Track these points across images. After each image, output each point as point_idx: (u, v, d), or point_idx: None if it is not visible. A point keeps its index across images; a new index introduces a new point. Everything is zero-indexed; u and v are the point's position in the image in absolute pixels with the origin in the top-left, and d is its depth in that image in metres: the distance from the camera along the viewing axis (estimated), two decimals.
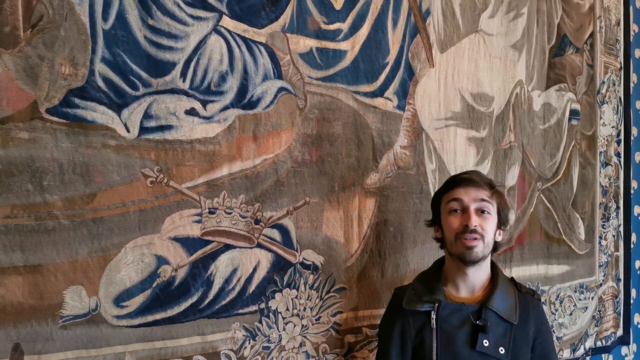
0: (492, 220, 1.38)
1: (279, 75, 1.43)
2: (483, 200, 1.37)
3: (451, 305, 1.38)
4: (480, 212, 1.37)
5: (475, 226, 1.34)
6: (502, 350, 1.34)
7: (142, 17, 1.21)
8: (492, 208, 1.38)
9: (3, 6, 1.04)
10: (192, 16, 1.28)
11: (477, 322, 1.34)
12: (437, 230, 1.47)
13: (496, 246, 1.44)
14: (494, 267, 1.46)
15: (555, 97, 2.37)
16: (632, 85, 2.95)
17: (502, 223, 1.43)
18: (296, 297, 1.49)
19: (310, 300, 1.52)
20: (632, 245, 2.99)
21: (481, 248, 1.36)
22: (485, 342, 1.33)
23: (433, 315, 1.37)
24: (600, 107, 2.69)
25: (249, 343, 1.41)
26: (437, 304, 1.37)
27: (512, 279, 1.49)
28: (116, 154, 1.19)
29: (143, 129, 1.22)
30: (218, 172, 1.34)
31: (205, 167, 1.31)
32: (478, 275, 1.40)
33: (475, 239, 1.35)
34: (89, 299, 1.16)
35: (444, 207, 1.42)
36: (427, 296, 1.39)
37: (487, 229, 1.37)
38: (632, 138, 2.96)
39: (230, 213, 1.36)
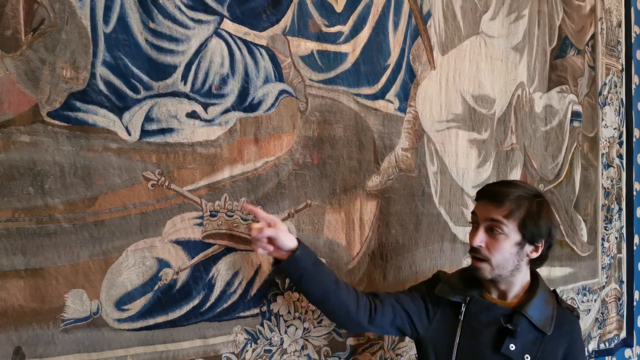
0: (505, 241, 1.30)
1: (280, 78, 1.43)
2: (493, 220, 1.30)
3: (483, 302, 1.37)
4: (491, 230, 1.31)
5: (479, 246, 1.31)
6: (527, 358, 1.31)
7: (143, 20, 1.21)
8: (505, 228, 1.29)
9: (4, 10, 1.04)
10: (193, 19, 1.28)
11: (508, 325, 1.31)
12: None
13: (535, 262, 1.37)
14: (535, 277, 1.41)
15: (556, 98, 2.37)
16: (633, 86, 2.95)
17: (531, 240, 1.31)
18: (298, 299, 1.49)
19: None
20: (634, 247, 2.98)
21: (488, 270, 1.32)
22: (512, 347, 1.31)
23: (462, 308, 1.36)
24: (602, 109, 2.69)
25: (251, 346, 1.40)
26: (468, 298, 1.36)
27: (554, 291, 1.45)
28: (117, 157, 1.19)
29: (144, 132, 1.22)
30: (219, 174, 1.34)
31: (206, 170, 1.31)
32: (508, 286, 1.37)
33: (479, 260, 1.32)
34: (90, 302, 1.16)
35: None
36: (461, 290, 1.38)
37: (495, 250, 1.30)
38: (634, 139, 2.95)
39: (231, 216, 1.35)
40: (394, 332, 1.44)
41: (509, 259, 1.32)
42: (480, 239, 1.31)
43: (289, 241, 1.27)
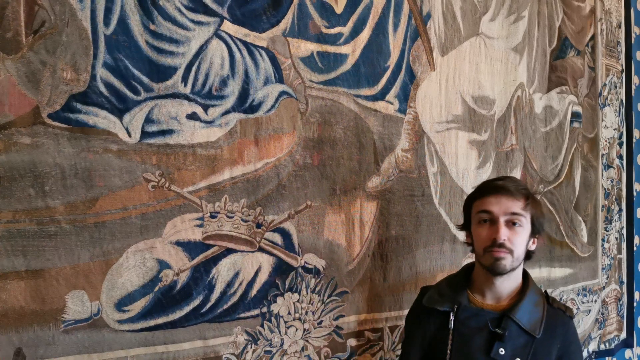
0: (523, 232, 1.32)
1: (280, 79, 1.44)
2: (514, 213, 1.31)
3: (471, 309, 1.37)
4: (512, 224, 1.31)
5: (504, 240, 1.30)
6: None
7: (143, 22, 1.21)
8: (524, 220, 1.32)
9: (5, 12, 1.05)
10: (193, 21, 1.29)
11: (496, 329, 1.31)
12: (467, 236, 1.43)
13: (529, 254, 1.39)
14: (525, 277, 1.42)
15: (556, 99, 2.37)
16: (633, 87, 2.95)
17: (536, 232, 1.37)
18: (298, 301, 1.49)
19: (312, 304, 1.52)
20: (635, 248, 2.98)
21: (510, 261, 1.31)
22: (502, 351, 1.30)
23: (451, 317, 1.35)
24: (602, 110, 2.69)
25: (251, 347, 1.40)
26: (456, 306, 1.36)
27: (545, 292, 1.44)
28: (118, 159, 1.19)
29: (145, 134, 1.22)
30: (219, 176, 1.34)
31: (206, 171, 1.32)
32: (506, 285, 1.37)
33: (503, 252, 1.31)
34: (90, 304, 1.16)
35: (474, 215, 1.38)
36: (449, 298, 1.38)
37: (517, 243, 1.31)
38: (634, 140, 2.95)
39: (231, 217, 1.36)
40: None
41: (524, 250, 1.35)
42: (505, 233, 1.31)
43: None
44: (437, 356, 1.37)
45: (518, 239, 1.32)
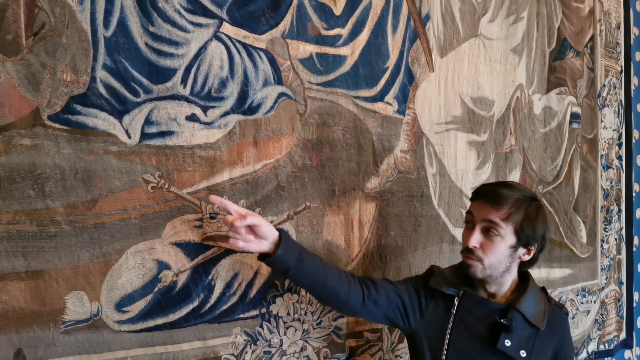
0: (501, 243, 1.29)
1: (279, 80, 1.44)
2: (490, 221, 1.29)
3: (477, 297, 1.36)
4: (487, 231, 1.30)
5: (474, 247, 1.30)
6: (523, 354, 1.30)
7: (143, 24, 1.22)
8: (502, 230, 1.28)
9: (5, 14, 1.05)
10: (192, 23, 1.29)
11: (503, 320, 1.30)
12: None
13: (525, 264, 1.38)
14: (525, 276, 1.42)
15: (555, 100, 2.38)
16: (633, 88, 2.95)
17: (525, 243, 1.32)
18: (297, 301, 1.49)
19: (311, 305, 1.53)
20: (634, 249, 2.98)
21: (480, 269, 1.31)
22: (507, 342, 1.30)
23: (456, 301, 1.35)
24: (601, 110, 2.70)
25: (250, 348, 1.41)
26: (462, 291, 1.36)
27: (542, 287, 1.44)
28: (117, 160, 1.19)
29: (144, 135, 1.23)
30: (219, 177, 1.34)
31: (205, 172, 1.32)
32: (499, 287, 1.37)
33: (471, 259, 1.32)
34: (90, 304, 1.16)
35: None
36: (455, 284, 1.38)
37: (489, 251, 1.30)
38: (633, 141, 2.96)
39: None
40: (384, 321, 1.42)
41: (502, 260, 1.31)
42: (476, 239, 1.30)
43: (272, 230, 1.21)
44: (436, 340, 1.36)
45: (491, 248, 1.30)
